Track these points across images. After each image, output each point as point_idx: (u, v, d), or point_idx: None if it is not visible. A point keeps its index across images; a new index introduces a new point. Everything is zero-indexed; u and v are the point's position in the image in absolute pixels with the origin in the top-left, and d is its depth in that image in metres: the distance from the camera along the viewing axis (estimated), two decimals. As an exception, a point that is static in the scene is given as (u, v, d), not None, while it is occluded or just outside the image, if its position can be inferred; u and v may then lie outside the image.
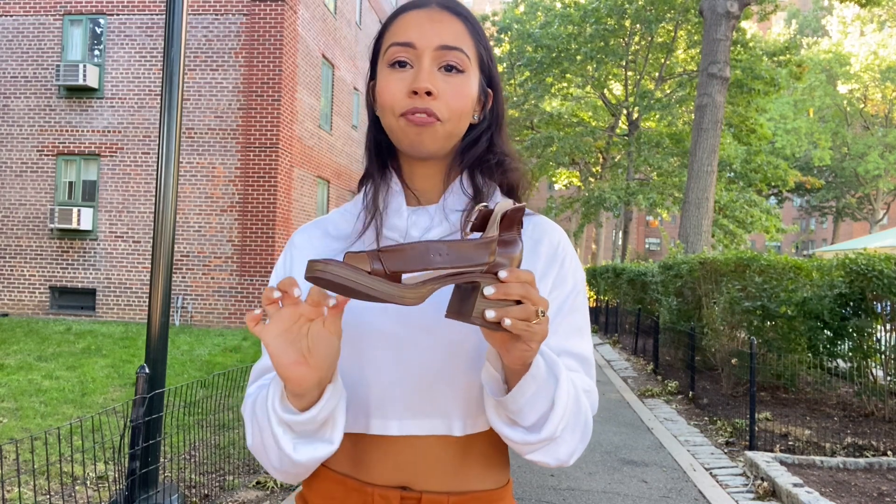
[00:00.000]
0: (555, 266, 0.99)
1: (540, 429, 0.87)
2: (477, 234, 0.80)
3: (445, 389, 0.92)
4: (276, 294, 0.75)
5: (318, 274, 0.72)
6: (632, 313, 12.83)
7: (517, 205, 0.79)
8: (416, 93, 0.92)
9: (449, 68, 0.94)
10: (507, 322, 0.75)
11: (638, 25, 23.48)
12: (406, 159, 1.01)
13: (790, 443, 5.41)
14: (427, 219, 0.98)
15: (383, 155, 1.02)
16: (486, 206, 0.80)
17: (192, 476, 4.13)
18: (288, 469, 0.89)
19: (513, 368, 0.83)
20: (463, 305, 0.78)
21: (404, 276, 0.77)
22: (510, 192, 1.04)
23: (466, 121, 0.97)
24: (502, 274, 0.75)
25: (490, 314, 0.75)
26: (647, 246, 57.61)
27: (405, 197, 1.00)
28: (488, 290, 0.75)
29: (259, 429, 0.89)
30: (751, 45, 20.87)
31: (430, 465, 0.94)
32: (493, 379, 0.87)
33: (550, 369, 0.86)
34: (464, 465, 0.95)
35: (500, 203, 0.80)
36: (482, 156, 1.01)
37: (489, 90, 1.01)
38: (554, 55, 24.23)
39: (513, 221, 0.80)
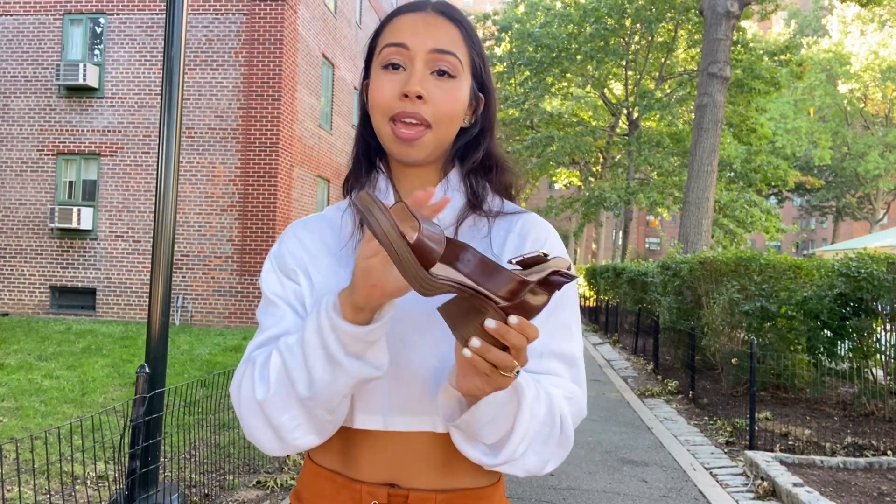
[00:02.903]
0: None
1: (498, 452, 0.87)
2: (516, 268, 0.78)
3: (431, 387, 0.92)
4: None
5: (365, 208, 0.72)
6: (632, 313, 12.83)
7: (570, 273, 0.77)
8: (406, 96, 0.92)
9: (441, 73, 0.95)
10: (471, 355, 0.73)
11: (638, 25, 23.48)
12: (395, 160, 1.02)
13: (790, 442, 5.41)
14: None
15: (371, 154, 1.03)
16: (545, 255, 0.77)
17: (193, 475, 4.13)
18: (318, 393, 0.85)
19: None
20: (458, 314, 0.76)
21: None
22: (504, 193, 1.05)
23: (456, 125, 0.98)
24: (513, 319, 0.73)
25: (475, 343, 0.73)
26: (647, 245, 57.63)
27: (392, 196, 1.00)
28: (490, 324, 0.73)
29: (290, 354, 0.86)
30: (751, 44, 20.87)
31: (417, 462, 0.94)
32: (452, 398, 0.85)
33: (514, 391, 0.84)
34: (452, 463, 0.95)
35: (559, 260, 0.78)
36: (475, 158, 1.02)
37: (481, 95, 1.02)
38: (554, 55, 24.23)
39: (553, 285, 0.77)
